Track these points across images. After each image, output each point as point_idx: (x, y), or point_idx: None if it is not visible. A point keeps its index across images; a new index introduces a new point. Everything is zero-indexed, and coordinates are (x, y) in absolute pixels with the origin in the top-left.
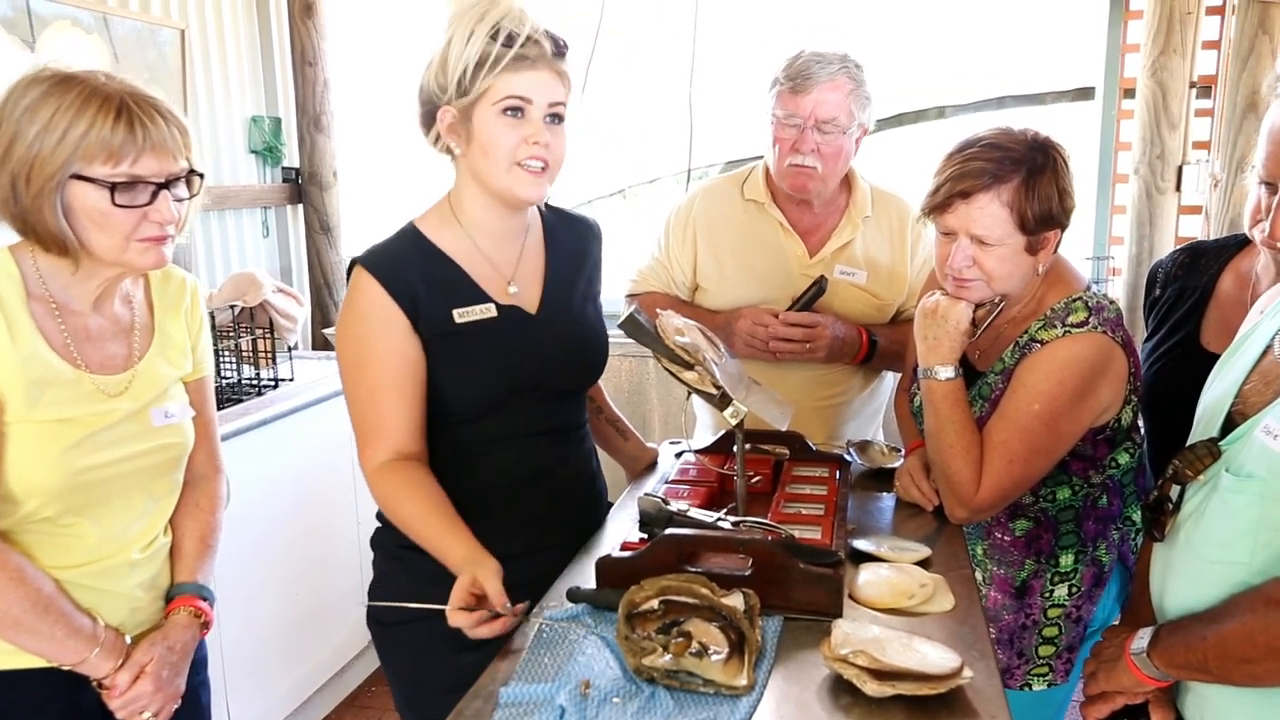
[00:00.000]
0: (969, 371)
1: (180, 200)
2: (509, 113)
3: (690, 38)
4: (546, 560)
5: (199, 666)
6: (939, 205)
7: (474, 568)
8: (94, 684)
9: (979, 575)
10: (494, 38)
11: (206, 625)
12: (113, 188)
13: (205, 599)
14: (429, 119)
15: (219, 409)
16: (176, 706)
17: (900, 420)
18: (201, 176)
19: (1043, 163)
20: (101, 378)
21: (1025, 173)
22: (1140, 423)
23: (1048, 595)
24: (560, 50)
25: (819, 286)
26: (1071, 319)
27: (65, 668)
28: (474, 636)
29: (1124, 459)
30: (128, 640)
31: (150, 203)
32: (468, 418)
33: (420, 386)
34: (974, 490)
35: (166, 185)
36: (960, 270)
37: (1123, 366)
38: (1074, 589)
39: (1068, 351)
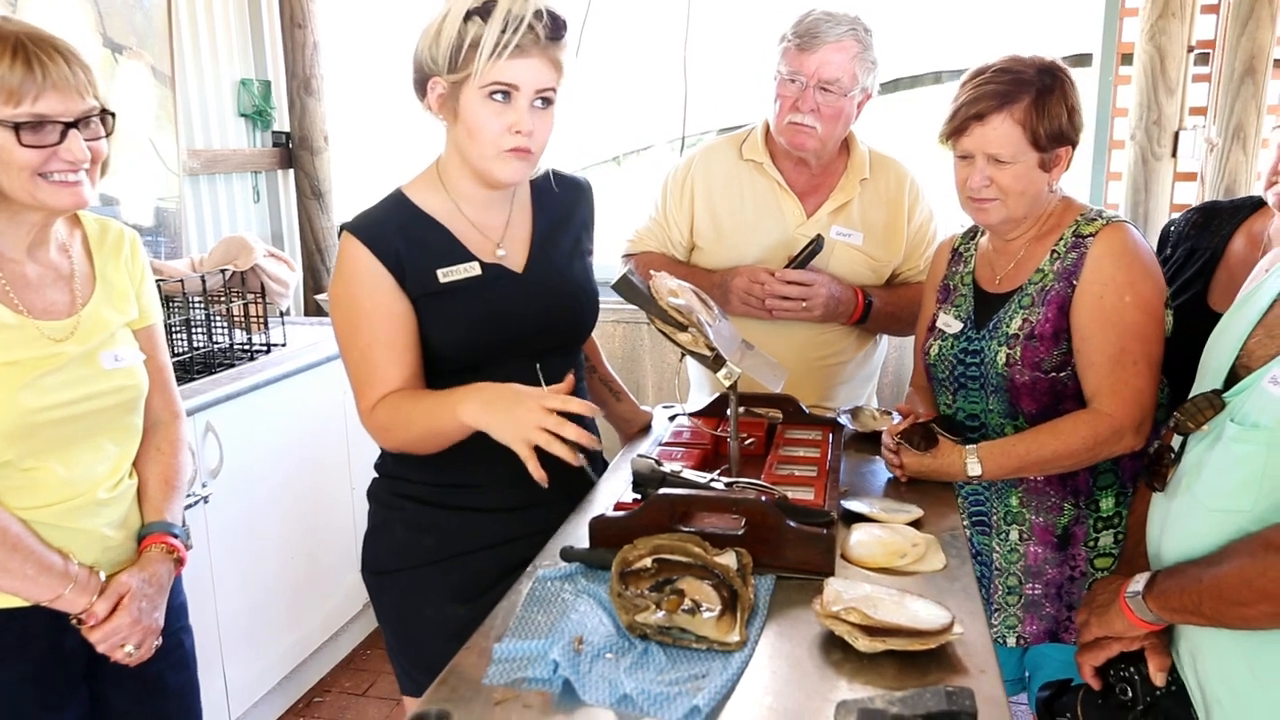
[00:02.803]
0: (988, 296)
1: (96, 139)
2: (496, 96)
3: (685, 2)
4: (544, 514)
5: (180, 613)
6: (956, 129)
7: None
8: (73, 620)
9: (1015, 533)
10: (489, 20)
11: (180, 561)
12: (17, 127)
13: (176, 535)
14: (421, 86)
15: (210, 374)
16: (158, 643)
17: (916, 389)
18: (114, 115)
19: (1051, 83)
20: (45, 323)
21: (1035, 93)
22: None
23: (1092, 544)
24: (557, 34)
25: (815, 245)
26: (1106, 214)
27: (43, 604)
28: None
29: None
30: (101, 577)
31: (60, 142)
32: (458, 371)
33: (412, 339)
34: (1109, 421)
35: (75, 125)
36: (978, 190)
37: None
38: (1120, 535)
39: (1120, 237)
